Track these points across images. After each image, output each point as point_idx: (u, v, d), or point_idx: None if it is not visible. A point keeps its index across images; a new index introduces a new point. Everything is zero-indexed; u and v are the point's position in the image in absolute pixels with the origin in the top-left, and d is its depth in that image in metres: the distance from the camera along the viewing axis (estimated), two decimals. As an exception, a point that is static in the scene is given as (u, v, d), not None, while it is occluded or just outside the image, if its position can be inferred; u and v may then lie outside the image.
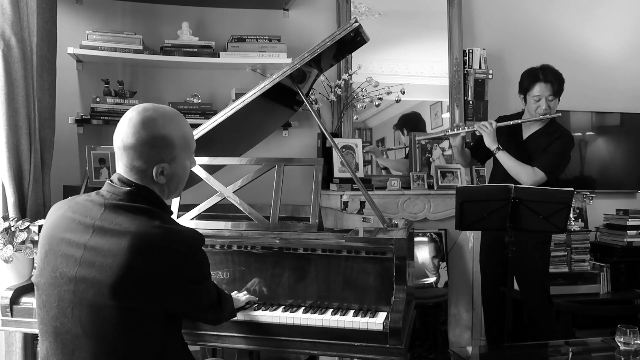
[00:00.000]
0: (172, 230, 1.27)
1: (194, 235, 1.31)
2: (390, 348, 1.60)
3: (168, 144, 1.33)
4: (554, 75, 2.70)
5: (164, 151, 1.33)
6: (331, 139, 2.11)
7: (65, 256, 1.26)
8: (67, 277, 1.24)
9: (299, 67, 2.01)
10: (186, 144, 1.39)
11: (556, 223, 2.42)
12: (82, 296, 1.22)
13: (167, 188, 1.38)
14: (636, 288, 3.48)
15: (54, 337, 1.27)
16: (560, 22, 3.93)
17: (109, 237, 1.23)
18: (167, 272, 1.24)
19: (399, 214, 3.16)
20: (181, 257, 1.26)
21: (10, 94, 2.29)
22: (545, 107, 2.69)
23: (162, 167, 1.33)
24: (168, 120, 1.35)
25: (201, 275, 1.35)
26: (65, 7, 3.05)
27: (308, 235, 1.86)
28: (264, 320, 1.70)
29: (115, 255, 1.20)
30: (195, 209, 1.97)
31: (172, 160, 1.35)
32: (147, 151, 1.31)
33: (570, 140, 2.73)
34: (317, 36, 3.26)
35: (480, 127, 2.73)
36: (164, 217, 1.30)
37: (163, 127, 1.33)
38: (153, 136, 1.31)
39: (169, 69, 3.30)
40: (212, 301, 1.44)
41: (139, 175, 1.33)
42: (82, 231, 1.26)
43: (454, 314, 3.33)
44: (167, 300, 1.27)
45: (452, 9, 3.63)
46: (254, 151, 2.63)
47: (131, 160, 1.32)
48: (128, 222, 1.25)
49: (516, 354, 2.47)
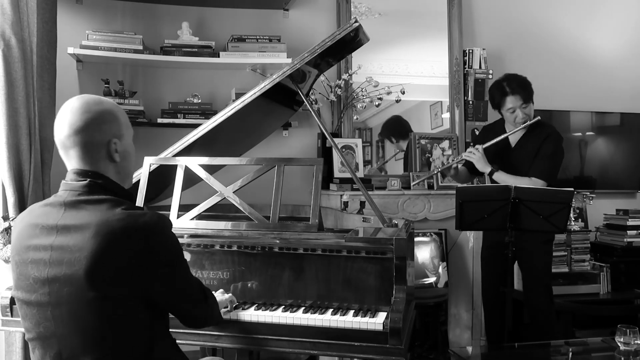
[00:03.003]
0: (135, 214, 1.26)
1: (158, 217, 1.29)
2: (390, 348, 1.60)
3: (115, 118, 1.36)
4: (519, 85, 2.71)
5: (114, 126, 1.35)
6: (331, 139, 2.11)
7: (34, 262, 1.26)
8: (40, 281, 1.24)
9: (299, 67, 2.01)
10: (127, 122, 1.42)
11: (556, 223, 2.42)
12: (58, 296, 1.23)
13: (122, 169, 1.39)
14: (636, 288, 3.48)
15: (41, 342, 1.28)
16: (560, 22, 3.94)
17: (73, 233, 1.23)
18: (136, 255, 1.23)
19: (399, 214, 3.16)
20: (147, 239, 1.25)
21: (10, 94, 2.29)
22: (522, 115, 2.70)
23: (115, 142, 1.35)
24: (106, 100, 1.39)
25: (172, 257, 1.33)
26: (65, 7, 3.05)
27: (308, 235, 1.86)
28: (264, 320, 1.70)
29: (81, 249, 1.20)
30: (195, 209, 1.97)
31: (121, 136, 1.37)
32: (100, 126, 1.32)
33: (558, 137, 2.74)
34: (317, 36, 3.26)
35: (469, 155, 2.74)
36: (125, 204, 1.29)
37: (107, 104, 1.37)
38: (102, 111, 1.34)
39: (169, 69, 3.30)
40: (194, 292, 1.42)
41: (94, 158, 1.33)
42: (46, 234, 1.26)
43: (454, 314, 3.33)
44: (143, 284, 1.26)
45: (452, 9, 3.63)
46: (254, 151, 2.63)
47: (85, 142, 1.31)
48: (89, 215, 1.25)
49: (516, 354, 2.47)
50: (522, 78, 2.75)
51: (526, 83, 2.73)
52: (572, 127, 3.86)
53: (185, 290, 1.39)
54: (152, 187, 2.10)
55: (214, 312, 1.54)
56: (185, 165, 2.01)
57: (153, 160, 2.06)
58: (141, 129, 3.21)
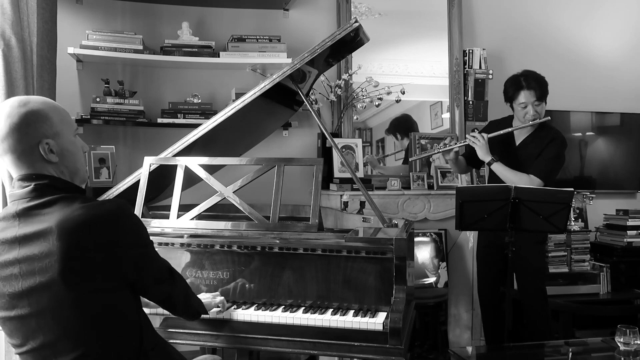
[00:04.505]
0: (94, 206, 1.23)
1: (118, 203, 1.27)
2: (390, 348, 1.60)
3: (43, 117, 1.28)
4: (536, 81, 2.70)
5: (42, 126, 1.27)
6: (331, 139, 2.11)
7: (5, 279, 1.23)
8: (17, 296, 1.22)
9: (299, 67, 2.01)
10: (63, 118, 1.33)
11: (556, 223, 2.42)
12: (39, 305, 1.21)
13: (65, 168, 1.32)
14: (636, 288, 3.48)
15: (33, 355, 1.26)
16: (560, 22, 3.94)
17: (35, 241, 1.20)
18: (106, 244, 1.21)
19: (399, 214, 3.16)
20: (113, 226, 1.23)
21: (11, 94, 2.28)
22: (533, 113, 2.68)
23: (47, 142, 1.27)
24: (34, 100, 1.30)
25: (142, 239, 1.32)
26: (65, 7, 3.04)
27: (308, 235, 1.86)
28: (264, 320, 1.70)
29: (49, 254, 1.18)
30: (195, 209, 1.97)
31: (55, 135, 1.29)
32: (24, 130, 1.25)
33: (562, 142, 2.73)
34: (317, 36, 3.26)
35: (472, 140, 2.73)
36: (79, 198, 1.26)
37: (33, 104, 1.28)
38: (25, 113, 1.26)
39: (169, 69, 3.30)
40: (164, 272, 1.41)
41: (29, 162, 1.27)
42: (9, 249, 1.23)
43: (454, 314, 3.33)
44: (119, 272, 1.25)
45: (452, 9, 3.63)
46: (254, 151, 2.63)
47: (14, 148, 1.26)
48: (46, 218, 1.21)
49: (516, 354, 2.47)
50: (541, 76, 2.73)
51: (543, 81, 2.72)
52: (572, 127, 3.86)
53: (155, 269, 1.38)
54: (152, 187, 2.10)
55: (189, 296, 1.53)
56: (185, 165, 2.01)
57: (153, 160, 2.06)
58: (141, 129, 3.22)
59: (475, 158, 2.80)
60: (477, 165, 3.02)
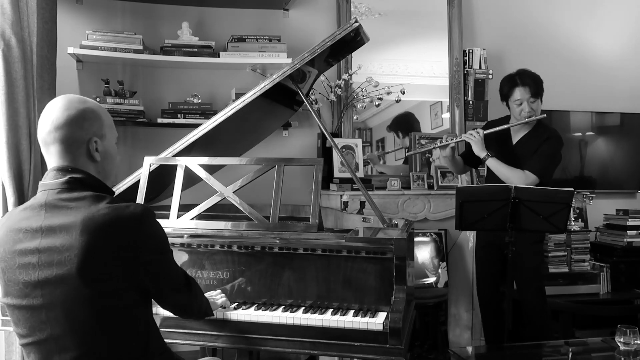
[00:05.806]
0: (119, 207, 1.26)
1: (142, 207, 1.30)
2: (390, 348, 1.60)
3: (98, 117, 1.36)
4: (530, 78, 2.71)
5: (95, 124, 1.35)
6: (331, 139, 2.11)
7: (22, 266, 1.25)
8: (31, 285, 1.24)
9: (299, 67, 2.01)
10: (111, 123, 1.42)
11: (556, 223, 2.42)
12: (51, 297, 1.23)
13: (102, 169, 1.38)
14: (636, 288, 3.48)
15: (37, 347, 1.27)
16: (560, 22, 3.94)
17: (58, 233, 1.23)
18: (126, 246, 1.24)
19: (399, 214, 3.16)
20: (135, 229, 1.26)
21: (10, 94, 2.29)
22: (529, 110, 2.70)
23: (96, 140, 1.35)
24: (91, 101, 1.40)
25: (161, 245, 1.35)
26: (65, 7, 3.04)
27: (308, 235, 1.86)
28: (264, 320, 1.70)
29: (70, 248, 1.20)
30: (195, 209, 1.97)
31: (103, 136, 1.37)
32: (81, 123, 1.33)
33: (558, 141, 2.74)
34: (317, 36, 3.26)
35: (468, 136, 2.74)
36: (107, 198, 1.30)
37: (91, 104, 1.38)
38: (85, 109, 1.34)
39: (169, 69, 3.30)
40: (180, 280, 1.44)
41: (75, 155, 1.33)
42: (31, 238, 1.25)
43: (454, 314, 3.33)
44: (135, 275, 1.27)
45: (452, 9, 3.63)
46: (254, 151, 2.63)
47: (66, 139, 1.32)
48: (73, 213, 1.24)
49: (516, 354, 2.47)
50: (535, 74, 2.75)
51: (538, 79, 2.73)
52: (572, 127, 3.86)
53: (173, 277, 1.40)
54: (152, 187, 2.10)
55: (202, 302, 1.56)
56: (185, 165, 2.01)
57: (153, 160, 2.06)
58: (141, 129, 3.22)
59: (472, 157, 2.81)
60: (474, 164, 3.03)
